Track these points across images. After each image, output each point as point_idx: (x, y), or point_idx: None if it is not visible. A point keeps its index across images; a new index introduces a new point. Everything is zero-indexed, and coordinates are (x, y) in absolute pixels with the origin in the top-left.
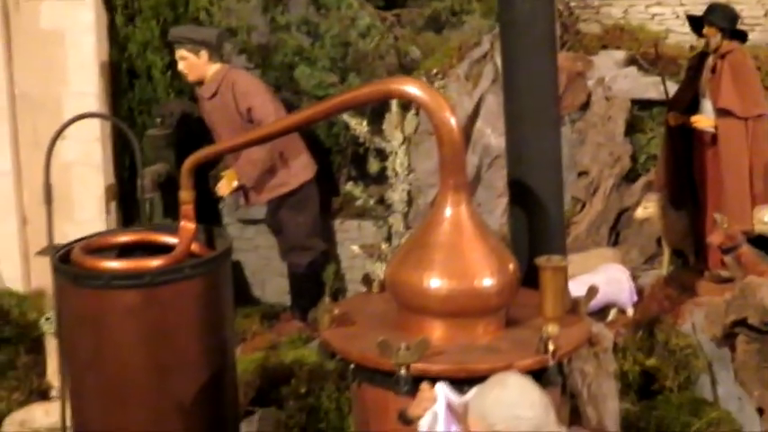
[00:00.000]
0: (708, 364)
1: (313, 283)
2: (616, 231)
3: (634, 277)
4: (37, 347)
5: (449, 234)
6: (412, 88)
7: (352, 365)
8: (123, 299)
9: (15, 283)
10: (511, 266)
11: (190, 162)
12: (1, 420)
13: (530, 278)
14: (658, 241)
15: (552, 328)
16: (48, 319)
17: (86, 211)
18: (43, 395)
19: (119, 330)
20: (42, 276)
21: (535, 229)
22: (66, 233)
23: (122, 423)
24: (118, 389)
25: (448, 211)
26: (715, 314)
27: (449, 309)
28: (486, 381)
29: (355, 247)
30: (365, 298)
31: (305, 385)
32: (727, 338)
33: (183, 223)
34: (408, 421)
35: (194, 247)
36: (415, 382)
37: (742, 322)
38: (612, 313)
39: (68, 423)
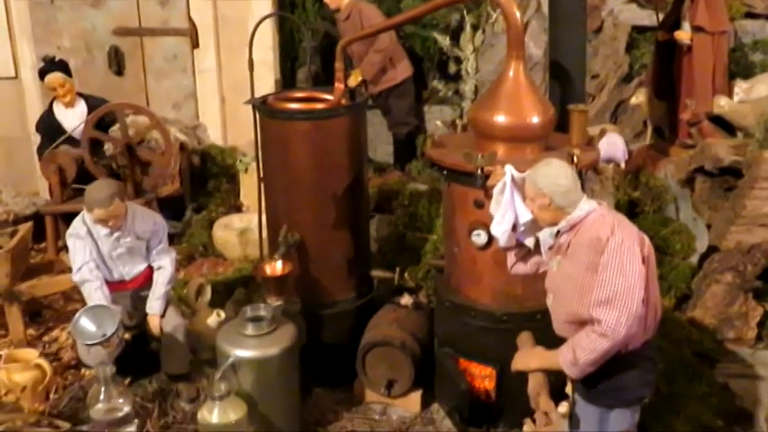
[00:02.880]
0: (674, 197)
1: (409, 147)
2: (615, 116)
3: (626, 144)
4: (233, 180)
5: (511, 87)
6: None
7: (445, 171)
8: (301, 127)
9: (218, 141)
10: (550, 111)
11: (341, 45)
12: (213, 223)
13: (559, 128)
14: (644, 123)
15: (576, 150)
16: (240, 161)
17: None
18: (237, 209)
19: (297, 147)
20: (235, 137)
21: (566, 92)
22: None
23: (298, 208)
24: (296, 185)
25: (511, 73)
26: (681, 164)
27: (508, 135)
28: (538, 162)
29: (439, 122)
30: (452, 135)
31: (407, 200)
32: (688, 182)
33: (336, 84)
34: (480, 205)
35: (343, 100)
36: (487, 179)
37: (700, 169)
38: (611, 166)
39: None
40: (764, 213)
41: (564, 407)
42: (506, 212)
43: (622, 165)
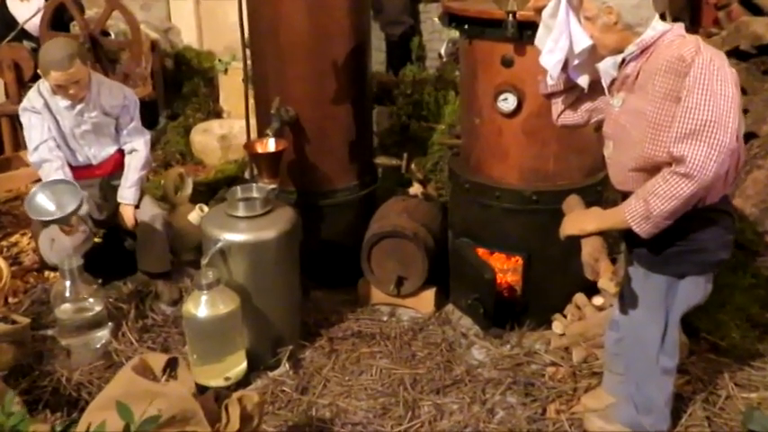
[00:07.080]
0: None
1: (403, 50)
2: None
3: None
4: (211, 84)
5: None
6: None
7: (466, 26)
8: None
9: (193, 44)
10: None
11: None
12: (190, 129)
13: None
14: (662, 16)
15: None
16: (220, 61)
17: None
18: (217, 115)
19: (291, 5)
20: (210, 41)
21: None
22: (227, 11)
23: (292, 79)
24: (289, 52)
25: None
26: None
27: None
28: None
29: (435, 19)
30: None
31: (410, 88)
32: None
33: None
34: (509, 63)
35: None
36: (520, 27)
37: (732, 52)
38: None
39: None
40: None
41: (599, 300)
42: (560, 37)
43: None
